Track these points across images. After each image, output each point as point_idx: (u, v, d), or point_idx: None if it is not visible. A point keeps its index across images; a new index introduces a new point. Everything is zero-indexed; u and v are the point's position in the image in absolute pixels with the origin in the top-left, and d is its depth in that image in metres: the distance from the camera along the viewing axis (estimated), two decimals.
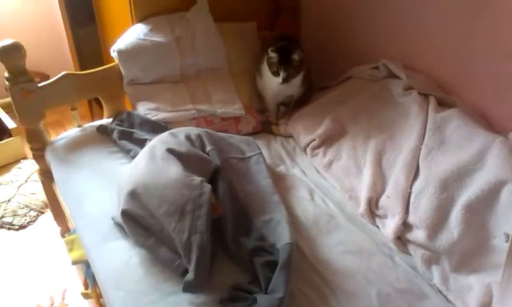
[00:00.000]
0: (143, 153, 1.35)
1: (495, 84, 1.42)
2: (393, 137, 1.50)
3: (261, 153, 1.54)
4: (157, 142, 1.37)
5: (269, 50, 1.67)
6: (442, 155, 1.32)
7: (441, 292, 1.16)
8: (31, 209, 2.17)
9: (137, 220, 1.21)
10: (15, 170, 2.41)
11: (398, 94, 1.58)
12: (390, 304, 1.11)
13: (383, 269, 1.21)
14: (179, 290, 1.11)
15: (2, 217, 2.11)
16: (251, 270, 1.16)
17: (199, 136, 1.43)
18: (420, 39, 1.63)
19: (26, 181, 2.33)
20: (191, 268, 1.10)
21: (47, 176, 1.73)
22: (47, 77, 1.67)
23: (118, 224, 1.28)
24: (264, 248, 1.18)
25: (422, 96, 1.53)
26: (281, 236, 1.21)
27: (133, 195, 1.22)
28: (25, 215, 2.14)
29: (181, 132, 1.45)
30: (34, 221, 2.13)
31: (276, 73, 1.68)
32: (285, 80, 1.67)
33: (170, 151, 1.30)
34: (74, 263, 1.48)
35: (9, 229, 2.08)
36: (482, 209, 1.17)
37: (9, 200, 2.20)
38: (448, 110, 1.42)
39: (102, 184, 1.46)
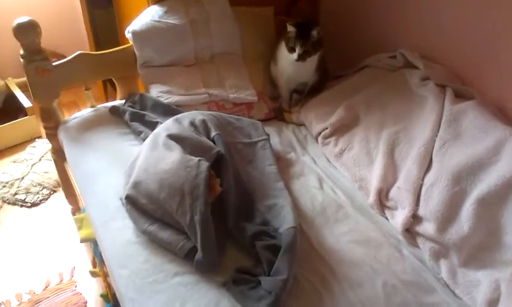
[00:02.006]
0: (147, 141, 1.37)
1: None
2: (408, 128, 1.47)
3: (268, 138, 1.53)
4: (161, 130, 1.37)
5: (287, 23, 1.64)
6: (457, 147, 1.29)
7: (448, 286, 1.14)
8: (44, 187, 2.21)
9: (140, 207, 1.22)
10: (29, 148, 2.45)
11: (415, 84, 1.55)
12: (396, 295, 1.10)
13: (390, 260, 1.19)
14: (184, 271, 1.12)
15: (16, 194, 2.15)
16: (253, 254, 1.15)
17: (203, 121, 1.42)
18: (438, 28, 1.59)
19: (40, 159, 2.37)
20: (199, 247, 1.10)
21: (59, 155, 1.75)
22: (63, 58, 1.67)
23: None
24: (266, 232, 1.18)
25: (439, 87, 1.49)
26: (285, 220, 1.20)
27: (135, 184, 1.24)
28: (37, 193, 2.17)
29: (186, 117, 1.44)
30: (46, 199, 2.17)
31: (292, 50, 1.64)
32: (300, 57, 1.63)
33: (171, 136, 1.30)
34: (82, 241, 1.50)
35: (21, 206, 2.12)
36: (494, 204, 1.14)
37: (22, 178, 2.24)
38: (465, 102, 1.38)
39: (112, 164, 1.46)
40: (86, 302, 1.67)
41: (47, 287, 1.73)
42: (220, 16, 1.82)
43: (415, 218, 1.26)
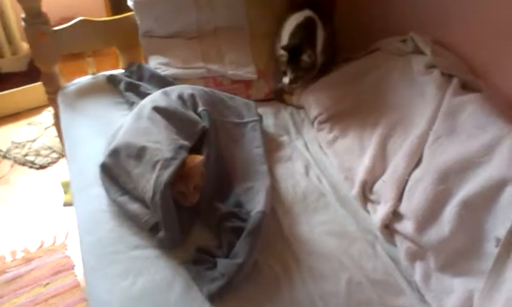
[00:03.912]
0: (133, 111, 1.35)
1: None
2: (405, 118, 1.37)
3: (259, 120, 1.48)
4: (147, 101, 1.35)
5: (280, 46, 1.56)
6: (450, 143, 1.19)
7: (419, 291, 1.06)
8: (53, 151, 2.27)
9: (114, 177, 1.21)
10: (45, 112, 2.51)
11: (418, 71, 1.43)
12: (359, 293, 1.04)
13: (362, 256, 1.13)
14: (145, 245, 1.11)
15: (26, 155, 2.23)
16: (219, 235, 1.12)
17: (192, 96, 1.39)
18: (454, 12, 1.46)
19: (53, 124, 2.43)
20: (162, 226, 1.09)
21: (58, 120, 1.78)
22: None
23: None
24: (236, 215, 1.15)
25: (445, 76, 1.37)
26: (257, 204, 1.16)
27: (114, 152, 1.22)
28: (47, 155, 2.24)
29: (174, 90, 1.41)
30: (54, 163, 2.23)
31: (284, 73, 1.58)
32: (292, 82, 1.57)
33: (156, 109, 1.27)
34: (66, 205, 1.54)
35: (30, 167, 2.19)
36: (479, 208, 1.04)
37: (34, 140, 2.32)
38: (467, 95, 1.27)
39: (100, 132, 1.46)
40: (74, 266, 1.71)
41: (40, 247, 1.79)
42: None
43: (396, 215, 1.18)
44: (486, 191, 1.04)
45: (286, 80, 1.57)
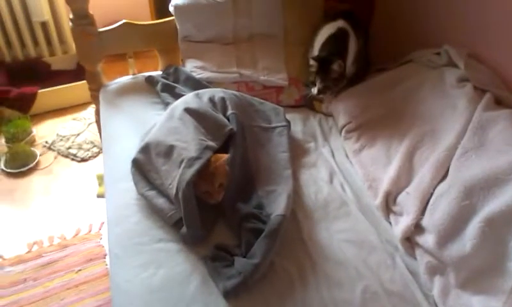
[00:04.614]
0: (166, 111, 1.41)
1: None
2: (435, 131, 1.35)
3: (287, 125, 1.50)
4: (180, 102, 1.41)
5: (310, 57, 1.58)
6: (478, 158, 1.16)
7: (436, 306, 1.05)
8: (95, 146, 2.39)
9: (144, 172, 1.27)
10: (90, 109, 2.65)
11: (451, 84, 1.41)
12: (373, 303, 1.04)
13: (380, 267, 1.12)
14: (168, 239, 1.16)
15: (70, 147, 2.37)
16: (239, 234, 1.16)
17: (222, 99, 1.43)
18: (489, 25, 1.43)
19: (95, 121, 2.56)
20: (184, 222, 1.13)
21: (99, 116, 1.88)
22: None
23: None
24: (257, 216, 1.17)
25: (478, 91, 1.35)
26: (277, 207, 1.18)
27: (146, 149, 1.28)
28: (88, 150, 2.36)
29: (206, 93, 1.46)
30: (95, 157, 2.35)
31: (313, 83, 1.59)
32: (320, 92, 1.58)
33: (187, 110, 1.33)
34: (99, 196, 1.61)
35: (72, 159, 2.32)
36: (503, 226, 1.01)
37: (78, 134, 2.45)
38: (499, 110, 1.23)
39: (135, 130, 1.53)
40: (106, 255, 1.80)
41: (76, 235, 1.89)
42: None
43: (418, 228, 1.17)
44: (511, 209, 1.01)
45: (315, 90, 1.59)
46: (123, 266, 1.10)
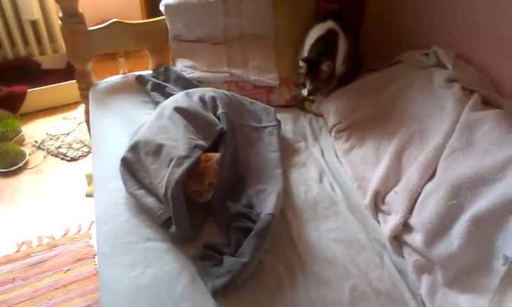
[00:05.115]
0: (156, 110, 1.41)
1: None
2: (423, 131, 1.36)
3: (277, 125, 1.51)
4: (170, 101, 1.41)
5: (299, 59, 1.58)
6: (465, 158, 1.17)
7: (424, 304, 1.05)
8: (85, 145, 2.38)
9: (133, 171, 1.27)
10: (80, 108, 2.64)
11: (439, 85, 1.42)
12: (362, 302, 1.04)
13: (368, 265, 1.13)
14: (157, 238, 1.15)
15: (59, 147, 2.35)
16: (228, 233, 1.15)
17: (213, 98, 1.43)
18: (477, 27, 1.45)
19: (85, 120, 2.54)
20: (173, 221, 1.13)
21: (89, 116, 1.87)
22: None
23: None
24: (246, 215, 1.17)
25: (466, 91, 1.36)
26: (267, 206, 1.18)
27: (135, 148, 1.28)
28: (78, 149, 2.35)
29: (196, 92, 1.46)
30: (84, 156, 2.34)
31: (303, 85, 1.60)
32: (310, 93, 1.59)
33: (177, 109, 1.32)
34: (88, 196, 1.60)
35: (62, 159, 2.31)
36: (490, 225, 1.02)
37: (68, 133, 2.44)
38: (485, 111, 1.25)
39: (124, 129, 1.53)
40: (95, 255, 1.78)
41: (65, 234, 1.88)
42: None
43: (406, 227, 1.18)
44: (498, 209, 1.02)
45: (305, 92, 1.59)
46: (111, 265, 1.09)
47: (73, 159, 2.31)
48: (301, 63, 1.58)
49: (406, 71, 1.59)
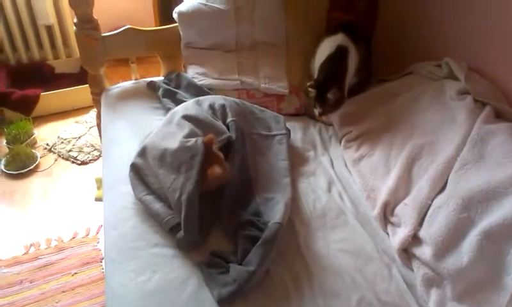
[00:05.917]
0: (166, 117, 1.42)
1: None
2: (434, 143, 1.34)
3: (287, 133, 1.50)
4: (179, 108, 1.42)
5: (308, 84, 1.57)
6: (476, 170, 1.16)
7: None
8: (95, 149, 2.40)
9: (142, 177, 1.27)
10: (92, 112, 2.66)
11: (451, 97, 1.41)
12: None
13: (376, 277, 1.11)
14: (164, 244, 1.15)
15: (70, 150, 2.37)
16: (235, 241, 1.15)
17: (223, 106, 1.44)
18: (490, 39, 1.43)
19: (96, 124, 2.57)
20: (182, 226, 1.13)
21: (100, 120, 1.89)
22: None
23: None
24: (254, 223, 1.17)
25: (478, 103, 1.35)
26: (275, 215, 1.18)
27: (143, 153, 1.29)
28: (89, 153, 2.37)
29: (206, 100, 1.47)
30: (95, 160, 2.36)
31: (314, 105, 1.60)
32: (321, 114, 1.60)
33: (185, 117, 1.33)
34: (97, 200, 1.61)
35: (72, 162, 2.33)
36: (501, 239, 1.01)
37: (79, 137, 2.46)
38: (498, 123, 1.23)
39: (135, 135, 1.54)
40: (102, 259, 1.79)
41: (74, 238, 1.89)
42: (266, 4, 1.82)
43: (415, 239, 1.16)
44: (510, 223, 1.00)
45: (316, 112, 1.59)
46: (118, 270, 1.10)
47: (83, 163, 2.33)
48: (310, 88, 1.57)
49: (417, 82, 1.58)
